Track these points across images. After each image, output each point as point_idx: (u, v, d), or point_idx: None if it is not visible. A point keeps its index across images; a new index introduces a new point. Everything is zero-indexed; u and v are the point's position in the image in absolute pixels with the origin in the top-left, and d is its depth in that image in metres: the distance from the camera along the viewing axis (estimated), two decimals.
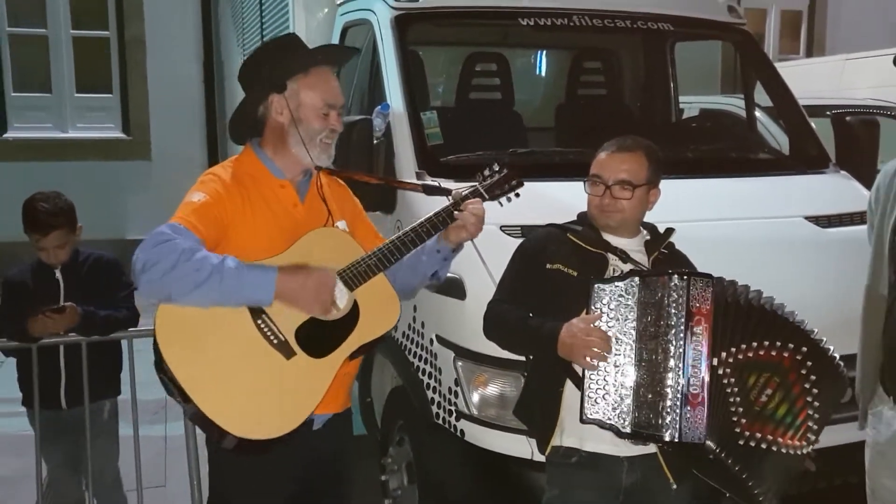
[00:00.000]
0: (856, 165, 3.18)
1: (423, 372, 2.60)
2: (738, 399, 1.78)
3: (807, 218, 2.81)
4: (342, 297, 1.79)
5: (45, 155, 6.83)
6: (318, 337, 1.78)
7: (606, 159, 1.99)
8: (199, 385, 1.69)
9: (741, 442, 1.79)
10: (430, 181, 2.74)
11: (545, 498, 2.02)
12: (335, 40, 3.60)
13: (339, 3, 3.62)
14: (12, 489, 3.38)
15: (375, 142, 2.84)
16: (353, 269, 1.81)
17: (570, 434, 1.91)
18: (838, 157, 3.26)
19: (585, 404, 1.80)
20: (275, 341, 1.75)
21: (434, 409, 2.52)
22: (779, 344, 1.80)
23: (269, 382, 1.75)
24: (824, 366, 1.83)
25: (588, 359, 1.78)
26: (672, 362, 1.76)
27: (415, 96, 2.95)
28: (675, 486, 1.91)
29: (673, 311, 1.77)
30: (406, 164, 2.83)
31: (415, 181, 2.68)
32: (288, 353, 1.75)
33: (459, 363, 2.40)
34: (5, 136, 7.08)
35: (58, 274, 2.73)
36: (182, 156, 6.69)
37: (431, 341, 2.55)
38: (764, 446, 1.79)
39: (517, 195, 2.03)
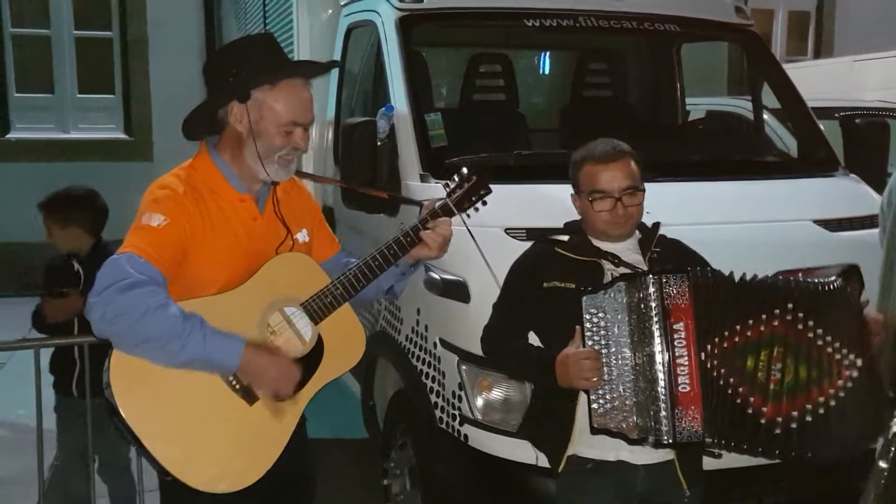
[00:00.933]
0: (865, 168, 3.15)
1: (427, 376, 2.57)
2: (740, 389, 1.73)
3: (815, 221, 2.78)
4: (307, 332, 1.74)
5: (47, 155, 6.83)
6: None
7: (605, 171, 1.93)
8: (158, 436, 1.62)
9: (777, 431, 1.72)
10: (413, 185, 2.73)
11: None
12: (339, 41, 3.59)
13: (342, 3, 3.60)
14: (11, 490, 3.36)
15: (379, 144, 2.82)
16: (318, 301, 1.74)
17: (587, 445, 1.88)
18: (847, 160, 3.22)
19: (593, 415, 1.79)
20: (237, 386, 1.69)
21: (437, 413, 2.49)
22: (765, 316, 1.74)
23: (233, 432, 1.68)
24: (820, 301, 1.75)
25: (585, 381, 1.77)
26: (657, 363, 1.75)
27: (419, 98, 2.93)
28: (687, 493, 1.89)
29: (652, 311, 1.76)
30: (410, 166, 2.80)
31: (380, 192, 2.63)
32: (251, 398, 1.69)
33: (463, 367, 2.38)
34: (8, 136, 7.09)
35: (76, 266, 2.82)
36: (184, 157, 6.54)
37: (435, 345, 2.53)
38: (810, 418, 1.71)
39: (485, 203, 1.97)
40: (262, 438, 1.71)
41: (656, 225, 2.00)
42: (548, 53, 4.37)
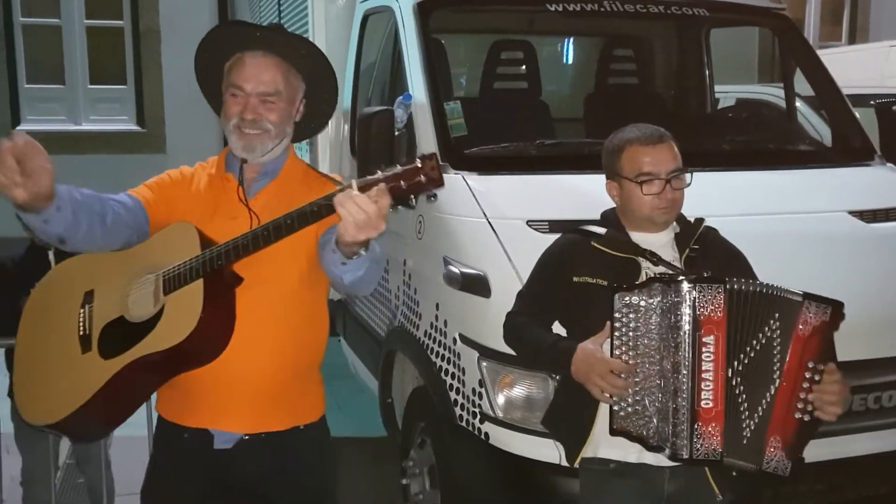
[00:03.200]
0: None
1: (446, 372, 2.51)
2: (747, 405, 1.69)
3: (851, 212, 2.69)
4: (149, 301, 1.66)
5: (58, 147, 6.77)
6: (118, 338, 1.67)
7: (653, 152, 1.85)
8: (18, 365, 1.81)
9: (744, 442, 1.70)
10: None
11: None
12: (356, 28, 3.52)
13: None
14: None
15: (397, 133, 2.75)
16: (172, 272, 1.65)
17: (608, 446, 1.82)
18: (883, 149, 3.14)
19: (614, 417, 1.74)
20: (81, 333, 1.71)
21: (457, 410, 2.43)
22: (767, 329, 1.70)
23: (58, 372, 1.73)
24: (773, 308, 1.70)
25: (599, 390, 1.72)
26: (682, 375, 1.69)
27: (438, 86, 2.86)
28: (720, 499, 1.83)
29: (683, 320, 1.69)
30: None
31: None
32: (85, 347, 1.70)
33: (484, 363, 2.32)
34: (18, 128, 7.08)
35: (51, 255, 2.69)
36: (197, 149, 6.56)
37: (454, 340, 2.46)
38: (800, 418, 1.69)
39: (434, 197, 1.87)
40: (73, 388, 1.69)
41: (699, 220, 1.92)
42: (571, 40, 4.28)
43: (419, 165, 1.47)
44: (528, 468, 2.23)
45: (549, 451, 2.15)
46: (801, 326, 1.69)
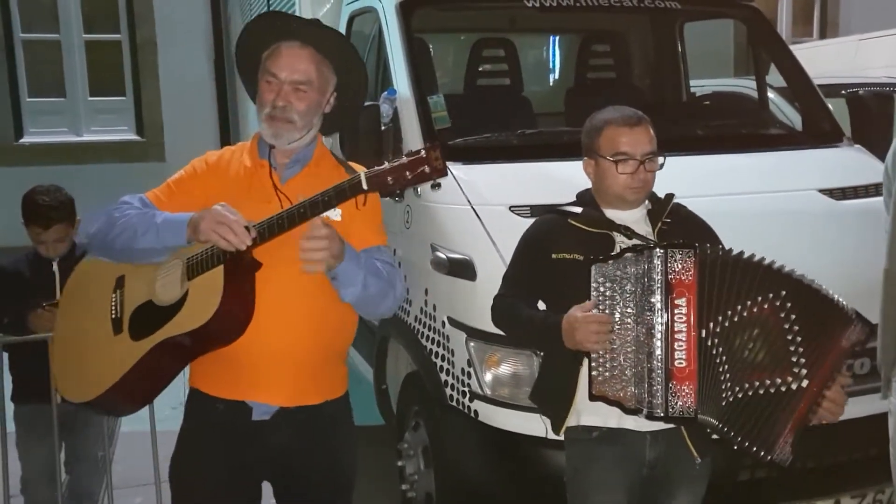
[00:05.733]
0: (871, 140, 3.14)
1: (437, 355, 2.59)
2: (726, 366, 1.75)
3: (820, 191, 2.78)
4: (175, 286, 1.75)
5: (60, 159, 6.91)
6: (147, 321, 1.75)
7: (630, 133, 1.93)
8: (57, 348, 1.95)
9: (724, 403, 1.75)
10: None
11: (567, 475, 2.01)
12: (342, 30, 3.60)
13: None
14: None
15: (384, 128, 2.84)
16: (195, 258, 1.72)
17: (590, 413, 1.90)
18: (854, 134, 3.21)
19: (593, 382, 1.81)
20: (114, 316, 1.80)
21: (448, 391, 2.52)
22: (759, 298, 1.75)
23: (94, 353, 1.82)
24: (804, 299, 1.75)
25: (592, 343, 1.79)
26: (656, 337, 1.76)
27: (421, 80, 2.94)
28: (699, 461, 1.91)
29: (655, 284, 1.77)
30: (414, 149, 2.81)
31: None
32: (117, 329, 1.79)
33: (471, 343, 2.40)
34: (21, 140, 7.18)
35: (55, 266, 2.72)
36: (196, 155, 6.69)
37: (443, 323, 2.55)
38: (741, 395, 1.74)
39: (437, 186, 1.95)
40: (105, 367, 1.78)
41: (669, 196, 2.01)
42: (551, 37, 4.38)
43: (423, 156, 1.60)
44: (517, 442, 2.31)
45: (535, 425, 2.22)
46: (843, 340, 1.74)
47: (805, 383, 1.72)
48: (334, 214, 1.79)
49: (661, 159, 1.95)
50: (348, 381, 2.01)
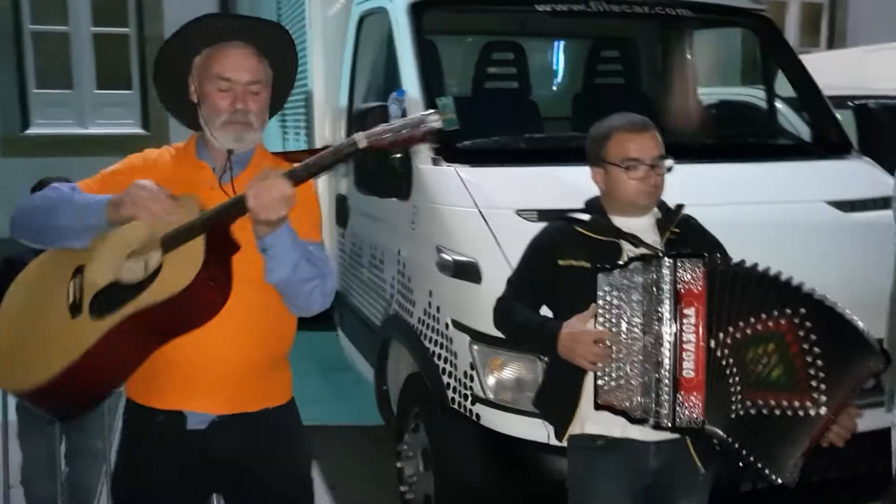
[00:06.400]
0: (879, 152, 3.13)
1: (439, 357, 2.59)
2: (736, 378, 1.73)
3: (828, 202, 2.77)
4: (145, 262, 1.63)
5: (65, 151, 6.92)
6: (112, 300, 1.62)
7: (639, 139, 1.92)
8: None
9: (733, 416, 1.73)
10: (424, 169, 2.71)
11: (569, 482, 2.00)
12: (351, 30, 3.62)
13: None
14: None
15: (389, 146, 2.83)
16: (172, 232, 1.62)
17: (594, 421, 1.89)
18: (861, 145, 3.22)
19: (599, 391, 1.80)
20: (70, 300, 1.68)
21: (450, 393, 2.51)
22: (776, 312, 1.71)
23: (43, 337, 1.68)
24: (826, 321, 1.70)
25: (589, 361, 1.78)
26: (664, 346, 1.75)
27: (430, 82, 2.94)
28: (702, 472, 1.90)
29: (664, 294, 1.75)
30: (422, 150, 2.82)
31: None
32: (76, 312, 1.66)
33: (475, 347, 2.39)
34: (27, 132, 7.19)
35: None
36: None
37: (447, 326, 2.54)
38: (754, 412, 1.71)
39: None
40: (57, 349, 1.64)
41: (679, 206, 1.99)
42: (560, 42, 4.38)
43: (421, 118, 1.53)
44: (518, 447, 2.30)
45: (538, 430, 2.21)
46: (864, 370, 1.69)
47: (823, 410, 1.68)
48: None
49: (669, 162, 1.94)
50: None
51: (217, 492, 1.91)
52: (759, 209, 2.69)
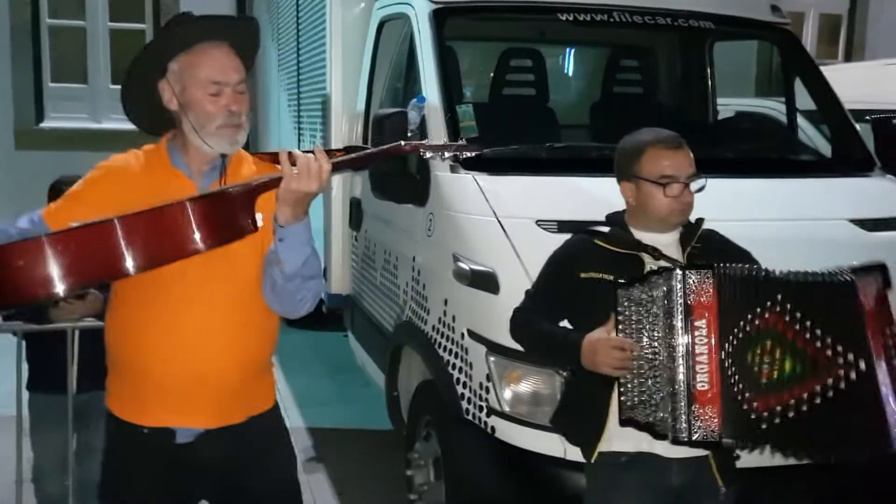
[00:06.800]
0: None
1: (453, 366, 2.57)
2: (741, 385, 1.72)
3: (851, 221, 2.74)
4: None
5: (79, 145, 6.90)
6: None
7: (675, 156, 1.89)
8: None
9: (763, 426, 1.70)
10: (442, 176, 2.71)
11: (588, 499, 1.98)
12: (371, 35, 3.61)
13: None
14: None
15: (409, 135, 2.83)
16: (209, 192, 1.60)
17: (620, 438, 1.87)
18: (878, 160, 3.18)
19: (622, 408, 1.79)
20: None
21: (464, 404, 2.49)
22: (758, 310, 1.72)
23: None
24: (802, 293, 1.71)
25: (610, 368, 1.77)
26: (678, 360, 1.75)
27: (451, 90, 2.93)
28: (723, 490, 1.88)
29: (676, 307, 1.75)
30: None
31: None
32: None
33: (492, 358, 2.37)
34: (42, 125, 7.20)
35: None
36: None
37: (463, 335, 2.52)
38: (792, 414, 1.69)
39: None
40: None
41: (699, 220, 1.98)
42: (579, 49, 4.36)
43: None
44: (534, 462, 2.27)
45: (554, 445, 2.19)
46: (864, 303, 1.68)
47: (863, 365, 1.65)
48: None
49: (703, 181, 1.92)
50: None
51: (205, 500, 1.89)
52: (781, 226, 2.66)
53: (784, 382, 1.70)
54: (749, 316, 1.73)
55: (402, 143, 1.61)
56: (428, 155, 1.77)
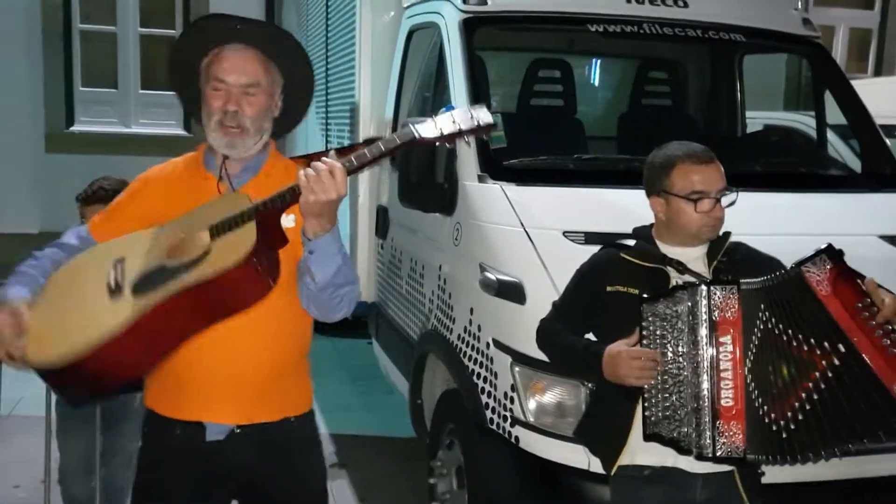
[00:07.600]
0: None
1: (478, 376, 2.58)
2: (761, 399, 1.72)
3: (881, 237, 2.71)
4: (195, 246, 1.58)
5: (108, 149, 7.02)
6: (156, 279, 1.58)
7: (706, 171, 1.88)
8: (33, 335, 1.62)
9: (784, 435, 1.69)
10: (470, 185, 2.69)
11: None
12: (401, 43, 3.63)
13: (405, 5, 3.64)
14: (24, 468, 3.31)
15: (437, 144, 2.83)
16: (222, 220, 1.58)
17: (644, 452, 1.86)
18: None
19: (646, 422, 1.79)
20: (112, 286, 1.62)
21: (488, 413, 2.49)
22: (757, 321, 1.72)
23: (78, 316, 1.61)
24: (775, 297, 1.71)
25: (634, 378, 1.77)
26: (703, 375, 1.75)
27: (480, 100, 2.93)
28: None
29: (700, 322, 1.75)
30: (468, 167, 2.82)
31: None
32: (115, 294, 1.61)
33: (517, 369, 2.37)
34: (72, 128, 7.32)
35: None
36: None
37: (488, 345, 2.53)
38: (801, 416, 1.67)
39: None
40: (94, 323, 1.58)
41: (726, 234, 1.97)
42: (608, 61, 4.36)
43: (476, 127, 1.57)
44: (558, 472, 2.27)
45: (578, 456, 2.18)
46: (816, 285, 1.67)
47: (842, 347, 1.63)
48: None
49: (733, 196, 1.91)
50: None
51: (235, 499, 1.90)
52: (810, 241, 2.61)
53: (787, 388, 1.71)
54: (756, 329, 1.74)
55: (416, 135, 1.54)
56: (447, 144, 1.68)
